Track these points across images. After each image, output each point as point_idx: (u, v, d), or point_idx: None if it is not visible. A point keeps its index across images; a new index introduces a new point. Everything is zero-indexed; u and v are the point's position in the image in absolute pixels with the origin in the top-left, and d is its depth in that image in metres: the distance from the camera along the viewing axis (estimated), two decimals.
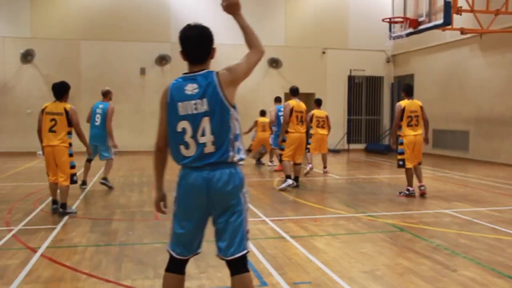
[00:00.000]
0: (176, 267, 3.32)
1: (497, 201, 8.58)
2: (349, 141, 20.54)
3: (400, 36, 12.94)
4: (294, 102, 9.80)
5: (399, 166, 9.03)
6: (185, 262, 3.33)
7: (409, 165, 8.88)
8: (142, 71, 18.55)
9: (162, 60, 18.46)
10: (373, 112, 21.21)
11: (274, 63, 19.41)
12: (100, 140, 9.63)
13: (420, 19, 12.21)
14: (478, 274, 4.67)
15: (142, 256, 5.26)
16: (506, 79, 14.71)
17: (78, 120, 7.31)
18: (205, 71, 3.31)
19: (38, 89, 17.85)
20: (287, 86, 19.78)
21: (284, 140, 9.85)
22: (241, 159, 3.18)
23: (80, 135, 7.40)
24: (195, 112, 3.08)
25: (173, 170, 3.38)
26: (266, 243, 5.77)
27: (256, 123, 14.23)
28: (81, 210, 7.72)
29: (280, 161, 10.44)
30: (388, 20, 13.05)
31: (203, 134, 3.06)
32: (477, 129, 15.90)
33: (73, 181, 7.29)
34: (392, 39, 13.36)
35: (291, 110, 9.65)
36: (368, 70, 20.43)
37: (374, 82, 21.03)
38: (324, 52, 20.10)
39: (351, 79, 20.36)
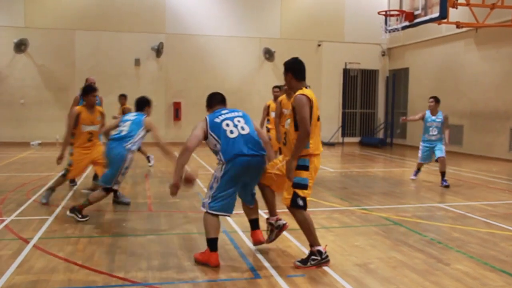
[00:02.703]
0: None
1: (490, 195, 8.61)
2: (343, 135, 20.55)
3: (396, 30, 12.92)
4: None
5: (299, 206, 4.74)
6: None
7: None
8: (137, 62, 18.43)
9: (157, 51, 18.35)
10: (368, 105, 21.21)
11: (269, 55, 19.34)
12: None
13: (416, 13, 12.19)
14: (471, 268, 4.68)
15: (135, 247, 5.24)
16: (501, 74, 14.74)
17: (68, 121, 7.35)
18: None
19: (31, 79, 17.73)
20: (282, 79, 19.83)
21: None
22: None
23: None
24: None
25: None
26: None
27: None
28: (75, 201, 7.65)
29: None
30: (384, 13, 13.01)
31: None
32: (472, 123, 15.94)
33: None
34: (388, 32, 13.32)
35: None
36: (363, 63, 20.40)
37: (369, 76, 21.01)
38: (319, 45, 20.05)
39: (346, 72, 20.34)
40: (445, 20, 11.39)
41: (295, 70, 4.90)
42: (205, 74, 18.34)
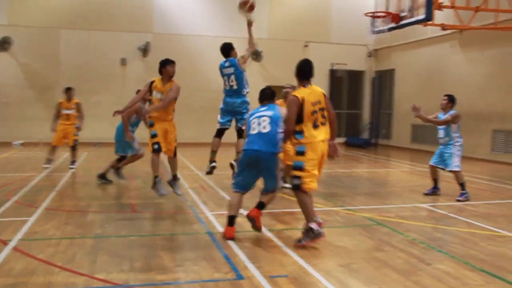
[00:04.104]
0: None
1: (472, 196, 8.67)
2: None
3: (382, 31, 12.97)
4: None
5: (296, 187, 5.35)
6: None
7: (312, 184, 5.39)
8: (123, 62, 18.31)
9: (144, 51, 18.24)
10: (354, 106, 21.31)
11: (256, 55, 19.33)
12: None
13: (402, 14, 12.25)
14: (452, 268, 4.72)
15: (118, 249, 5.20)
16: (484, 76, 14.90)
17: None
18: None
19: (15, 78, 17.53)
20: (269, 79, 19.86)
21: None
22: None
23: None
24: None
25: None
26: (243, 235, 5.75)
27: None
28: (57, 201, 7.60)
29: None
30: (370, 14, 13.07)
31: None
32: None
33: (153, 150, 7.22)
34: (374, 33, 13.39)
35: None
36: (349, 64, 20.49)
37: (355, 76, 21.11)
38: (306, 46, 20.09)
39: (332, 72, 20.41)
40: (431, 22, 11.47)
41: (296, 70, 5.68)
42: (192, 75, 18.21)
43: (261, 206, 5.60)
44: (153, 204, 7.52)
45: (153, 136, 7.16)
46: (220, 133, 7.91)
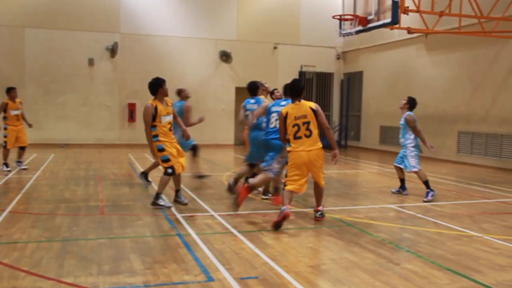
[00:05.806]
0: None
1: (438, 196, 8.87)
2: None
3: (350, 34, 13.12)
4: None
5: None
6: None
7: (290, 186, 6.50)
8: (91, 62, 18.00)
9: (112, 51, 17.98)
10: (323, 108, 21.46)
11: (226, 57, 19.31)
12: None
13: (369, 17, 12.41)
14: (419, 267, 4.82)
15: (86, 252, 5.11)
16: (449, 79, 15.27)
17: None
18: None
19: None
20: (238, 80, 19.87)
21: None
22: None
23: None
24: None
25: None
26: (213, 238, 5.74)
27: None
28: (23, 204, 7.42)
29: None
30: (338, 17, 13.21)
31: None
32: (423, 126, 16.27)
33: (166, 173, 7.25)
34: (342, 36, 13.53)
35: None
36: (318, 66, 20.69)
37: (324, 78, 21.31)
38: (275, 47, 20.18)
39: (302, 74, 20.55)
40: (397, 26, 11.66)
41: (289, 89, 6.81)
42: (161, 75, 17.72)
43: (251, 187, 6.84)
44: (122, 206, 7.43)
45: (166, 161, 7.17)
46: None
